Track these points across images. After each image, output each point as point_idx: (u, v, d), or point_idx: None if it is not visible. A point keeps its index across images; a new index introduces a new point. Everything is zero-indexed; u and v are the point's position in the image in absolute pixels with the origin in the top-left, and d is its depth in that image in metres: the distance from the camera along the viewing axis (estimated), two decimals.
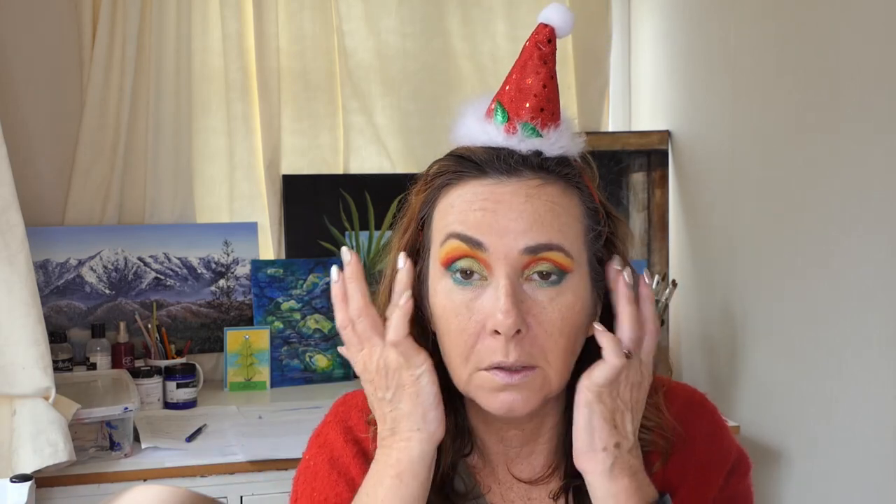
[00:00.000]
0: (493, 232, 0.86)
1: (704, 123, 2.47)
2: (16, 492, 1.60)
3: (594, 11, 2.82)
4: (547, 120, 0.90)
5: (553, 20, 0.95)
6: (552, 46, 0.93)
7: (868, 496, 1.89)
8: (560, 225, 0.87)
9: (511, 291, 0.85)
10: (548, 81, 0.91)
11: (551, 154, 0.90)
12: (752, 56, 2.23)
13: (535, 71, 0.91)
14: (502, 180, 0.88)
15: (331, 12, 2.67)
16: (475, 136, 0.92)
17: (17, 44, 2.37)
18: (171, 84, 2.52)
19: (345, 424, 1.02)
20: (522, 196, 0.87)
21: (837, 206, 1.94)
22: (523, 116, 0.90)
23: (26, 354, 1.77)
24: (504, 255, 0.86)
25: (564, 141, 0.91)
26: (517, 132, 0.90)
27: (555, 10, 0.96)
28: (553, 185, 0.89)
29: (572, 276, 0.88)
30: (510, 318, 0.84)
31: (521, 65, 0.92)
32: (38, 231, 2.34)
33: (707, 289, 2.46)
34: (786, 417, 2.12)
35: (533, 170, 0.89)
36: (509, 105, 0.91)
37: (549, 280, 0.87)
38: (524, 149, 0.89)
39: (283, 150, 2.66)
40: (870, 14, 1.84)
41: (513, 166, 0.88)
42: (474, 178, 0.89)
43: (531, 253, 0.86)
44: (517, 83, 0.91)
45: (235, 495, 1.91)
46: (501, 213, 0.87)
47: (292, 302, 2.58)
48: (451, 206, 0.89)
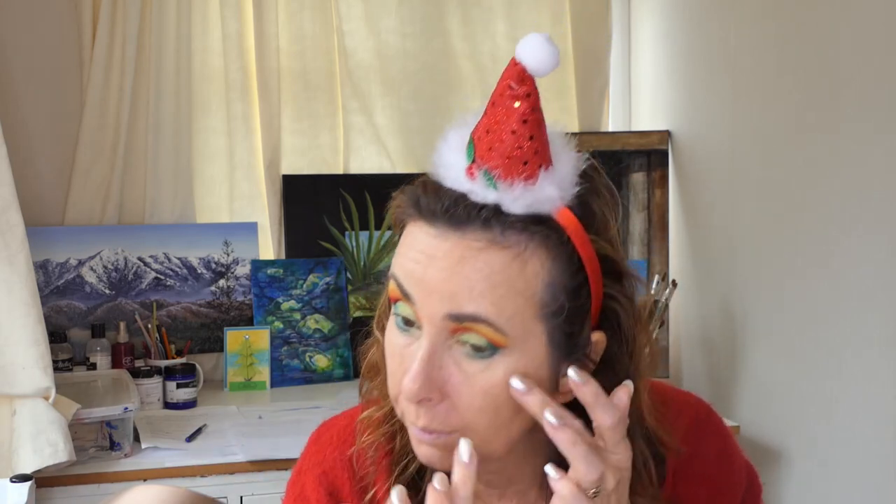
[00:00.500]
0: (421, 289, 0.78)
1: (704, 123, 2.47)
2: (16, 492, 1.60)
3: (594, 11, 2.81)
4: (514, 170, 0.76)
5: (526, 58, 0.77)
6: (526, 87, 0.77)
7: (868, 496, 1.89)
8: (495, 297, 0.76)
9: (427, 357, 0.77)
10: (517, 126, 0.77)
11: (513, 211, 0.76)
12: (752, 56, 2.23)
13: (506, 112, 0.77)
14: (445, 233, 0.77)
15: (331, 12, 2.67)
16: (446, 166, 0.80)
17: (17, 44, 2.37)
18: (171, 84, 2.52)
19: (320, 469, 0.96)
20: (456, 257, 0.76)
21: (837, 206, 1.94)
22: (485, 161, 0.77)
23: (26, 354, 1.77)
24: (429, 317, 0.78)
25: (534, 197, 0.77)
26: (476, 179, 0.77)
27: (530, 45, 0.77)
28: (500, 251, 0.76)
29: (508, 351, 0.77)
30: (414, 385, 0.77)
31: (492, 101, 0.78)
32: (38, 231, 2.34)
33: (707, 289, 2.46)
34: (786, 417, 2.12)
35: (481, 227, 0.76)
36: (478, 143, 0.78)
37: (479, 353, 0.77)
38: (479, 199, 0.77)
39: (283, 150, 2.66)
40: (870, 14, 1.84)
41: (455, 220, 0.77)
42: (422, 221, 0.79)
43: (455, 321, 0.77)
44: (487, 121, 0.78)
45: (235, 495, 1.91)
46: (431, 272, 0.77)
47: (292, 302, 2.58)
48: (401, 245, 0.81)
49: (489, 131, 0.78)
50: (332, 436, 0.98)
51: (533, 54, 0.76)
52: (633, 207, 2.63)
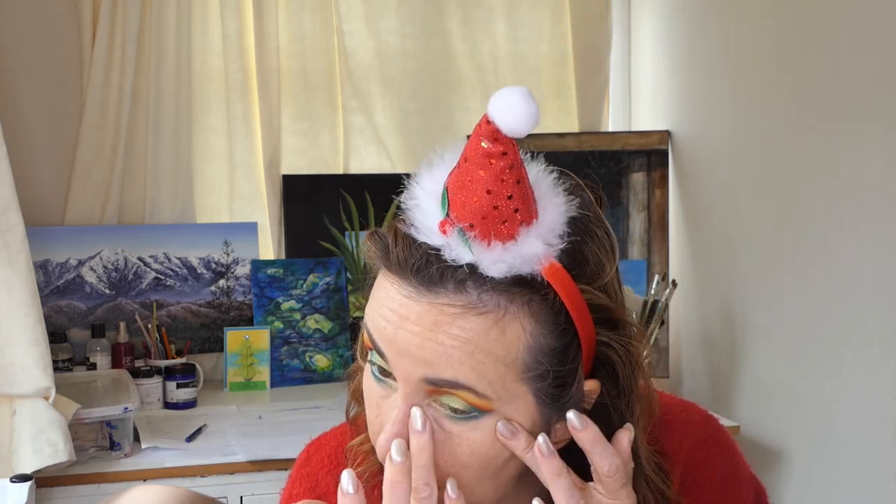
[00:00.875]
0: (393, 349, 0.72)
1: (704, 123, 2.47)
2: (16, 492, 1.60)
3: (594, 11, 2.82)
4: (490, 230, 0.69)
5: (498, 118, 0.67)
6: (501, 146, 0.68)
7: (868, 496, 1.89)
8: (474, 363, 0.70)
9: (402, 419, 0.72)
10: (494, 186, 0.68)
11: (491, 274, 0.69)
12: (752, 56, 2.23)
13: (482, 168, 0.69)
14: (417, 293, 0.71)
15: (331, 12, 2.67)
16: (423, 211, 0.72)
17: (17, 44, 2.37)
18: (171, 84, 2.52)
19: (314, 494, 0.93)
20: (430, 322, 0.70)
21: (837, 206, 1.94)
22: (461, 219, 0.69)
23: (26, 354, 1.77)
24: (404, 377, 0.72)
25: (517, 258, 0.70)
26: (450, 236, 0.70)
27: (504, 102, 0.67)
28: (476, 317, 0.70)
29: (494, 413, 0.72)
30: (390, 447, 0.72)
31: (465, 154, 0.70)
32: (38, 231, 2.34)
33: (707, 289, 2.46)
34: (786, 417, 2.12)
35: (456, 289, 0.70)
36: (452, 196, 0.70)
37: (461, 415, 0.72)
38: (455, 258, 0.70)
39: (283, 150, 2.66)
40: (870, 14, 1.84)
41: (427, 282, 0.70)
42: (392, 274, 0.73)
43: (433, 385, 0.72)
44: (460, 177, 0.70)
45: (235, 495, 1.91)
46: (402, 335, 0.71)
47: (292, 302, 2.58)
48: (373, 296, 0.76)
49: (463, 188, 0.70)
50: (322, 458, 0.94)
51: (507, 114, 0.67)
52: (633, 207, 2.63)
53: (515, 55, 2.79)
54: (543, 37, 2.81)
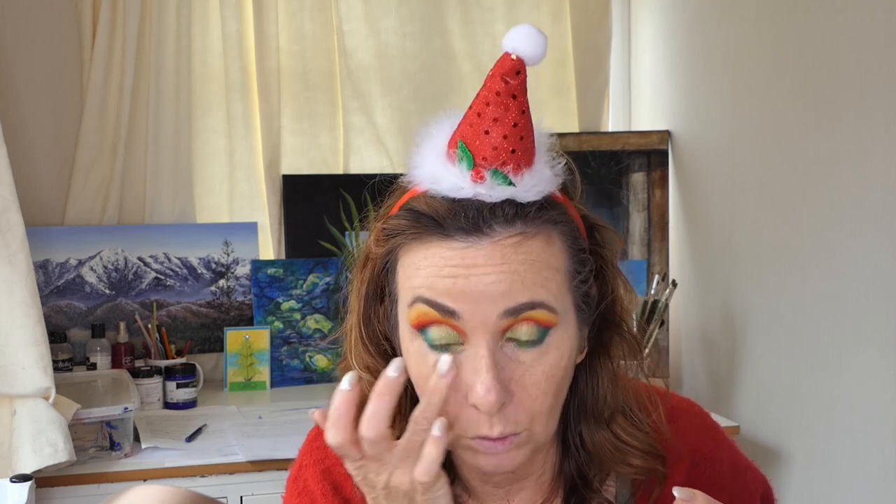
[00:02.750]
0: (468, 299, 0.78)
1: (704, 123, 2.47)
2: (16, 492, 1.60)
3: (594, 11, 2.81)
4: (520, 162, 0.79)
5: (520, 49, 0.79)
6: (521, 78, 0.79)
7: (868, 496, 1.89)
8: (542, 280, 0.79)
9: (492, 364, 0.78)
10: (518, 118, 0.79)
11: (527, 200, 0.79)
12: (752, 56, 2.23)
13: (504, 107, 0.79)
14: (472, 241, 0.78)
15: (331, 12, 2.67)
16: (439, 179, 0.80)
17: (17, 44, 2.37)
18: (171, 84, 2.52)
19: (323, 465, 0.96)
20: (498, 258, 0.78)
21: (837, 206, 1.94)
22: (491, 161, 0.78)
23: (26, 354, 1.77)
24: (481, 323, 0.78)
25: (541, 181, 0.81)
26: (486, 180, 0.78)
27: (521, 35, 0.79)
28: (532, 238, 0.79)
29: (556, 330, 0.81)
30: (492, 395, 0.77)
31: (485, 100, 0.79)
32: (38, 231, 2.34)
33: (707, 289, 2.46)
34: (786, 417, 2.12)
35: (507, 223, 0.79)
36: (474, 147, 0.79)
37: (530, 343, 0.80)
38: (495, 198, 0.78)
39: (283, 150, 2.66)
40: (870, 14, 1.84)
41: (483, 225, 0.78)
42: (439, 238, 0.79)
43: (511, 315, 0.78)
44: (482, 121, 0.79)
45: (235, 495, 1.91)
46: (475, 279, 0.77)
47: (292, 302, 2.58)
48: (417, 268, 0.80)
49: (488, 132, 0.79)
50: None
51: (527, 42, 0.79)
52: (633, 207, 2.63)
53: None
54: None
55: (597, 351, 0.89)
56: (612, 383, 0.89)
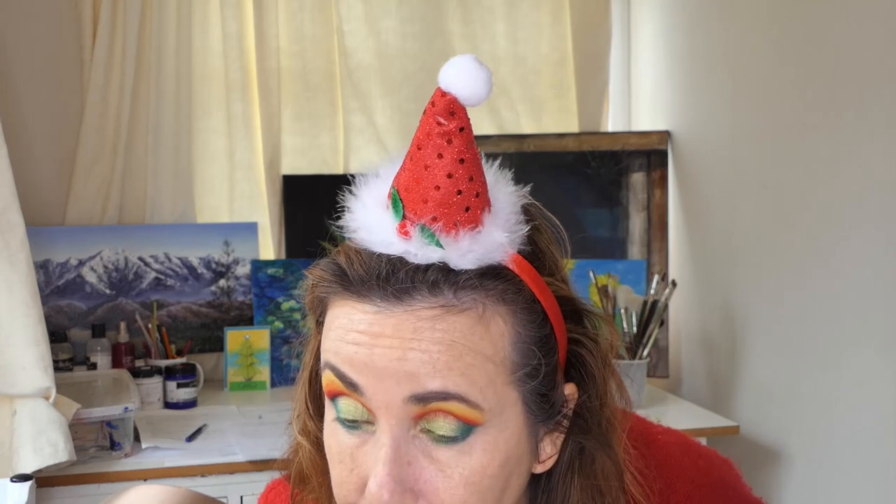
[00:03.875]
0: (370, 373, 0.66)
1: (704, 123, 2.47)
2: (16, 492, 1.60)
3: (594, 11, 2.81)
4: (456, 220, 0.66)
5: (454, 85, 0.66)
6: (458, 119, 0.65)
7: (868, 496, 1.89)
8: (462, 367, 0.65)
9: (392, 457, 0.66)
10: (454, 168, 0.65)
11: (462, 267, 0.66)
12: (752, 56, 2.23)
13: (437, 153, 0.66)
14: (387, 307, 0.66)
15: (331, 12, 2.67)
16: (371, 229, 0.68)
17: (17, 44, 2.37)
18: (171, 84, 2.52)
19: None
20: (408, 331, 0.65)
21: (837, 206, 1.94)
22: (421, 215, 0.66)
23: (27, 354, 1.77)
24: (385, 405, 0.66)
25: (485, 246, 0.67)
26: (412, 237, 0.66)
27: (455, 69, 0.67)
28: (458, 315, 0.65)
29: (483, 429, 0.67)
30: (385, 494, 0.65)
31: (417, 144, 0.67)
32: (38, 231, 2.34)
33: (707, 289, 2.46)
34: (786, 417, 2.12)
35: (430, 292, 0.65)
36: (405, 196, 0.67)
37: (447, 439, 0.67)
38: (421, 260, 0.66)
39: (283, 150, 2.66)
40: (870, 13, 1.84)
41: (398, 289, 0.66)
42: (353, 298, 0.68)
43: (419, 402, 0.66)
44: (414, 168, 0.67)
45: (235, 495, 1.91)
46: (379, 352, 0.65)
47: (292, 302, 2.58)
48: (329, 328, 0.70)
49: (418, 181, 0.66)
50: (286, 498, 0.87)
51: (464, 79, 0.66)
52: (633, 207, 2.63)
53: (515, 55, 2.79)
54: (543, 37, 2.81)
55: (574, 462, 0.74)
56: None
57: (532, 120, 2.78)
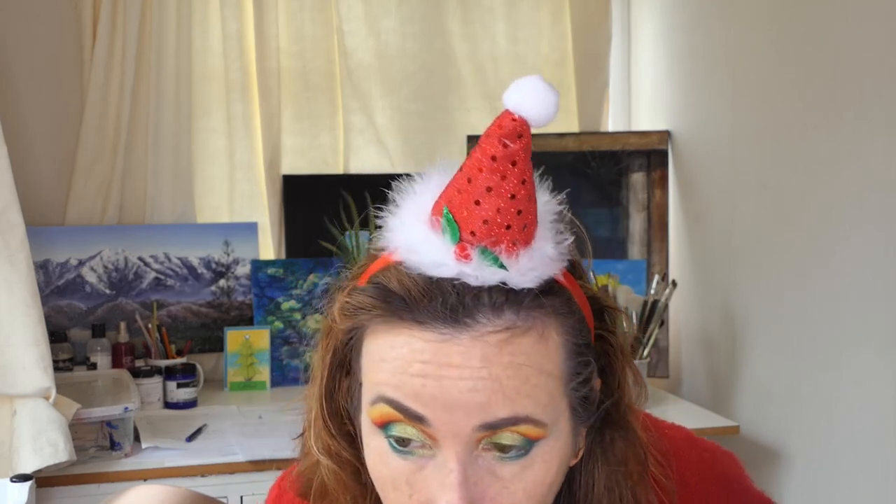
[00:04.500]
0: (439, 406, 0.65)
1: (704, 123, 2.47)
2: (16, 492, 1.60)
3: (594, 11, 2.81)
4: (515, 240, 0.65)
5: (524, 107, 0.64)
6: (524, 141, 0.65)
7: (868, 496, 1.89)
8: (530, 389, 0.66)
9: (462, 480, 0.65)
10: (517, 189, 0.64)
11: (523, 286, 0.65)
12: (752, 56, 2.23)
13: (501, 175, 0.64)
14: (450, 335, 0.64)
15: (331, 12, 2.67)
16: (418, 250, 0.66)
17: (17, 44, 2.37)
18: (171, 84, 2.52)
19: None
20: (478, 359, 0.64)
21: (837, 206, 1.94)
22: (481, 237, 0.65)
23: (26, 354, 1.77)
24: (453, 434, 0.65)
25: (541, 264, 0.66)
26: (472, 259, 0.64)
27: (527, 90, 0.64)
28: (523, 336, 0.65)
29: (544, 441, 0.68)
30: None
31: (478, 164, 0.65)
32: (38, 231, 2.34)
33: (707, 289, 2.46)
34: (786, 417, 2.12)
35: (494, 314, 0.65)
36: (461, 218, 0.65)
37: (512, 454, 0.67)
38: (482, 282, 0.65)
39: (283, 150, 2.66)
40: (870, 13, 1.84)
41: (464, 314, 0.64)
42: (409, 325, 0.65)
43: (488, 429, 0.66)
44: (473, 188, 0.65)
45: (235, 495, 1.91)
46: (448, 383, 0.64)
47: (292, 302, 2.58)
48: (382, 360, 0.67)
49: (479, 202, 0.64)
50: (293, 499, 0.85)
51: (535, 102, 0.64)
52: (633, 207, 2.63)
53: (515, 55, 2.79)
54: (543, 37, 2.81)
55: (595, 451, 0.76)
56: (610, 490, 0.76)
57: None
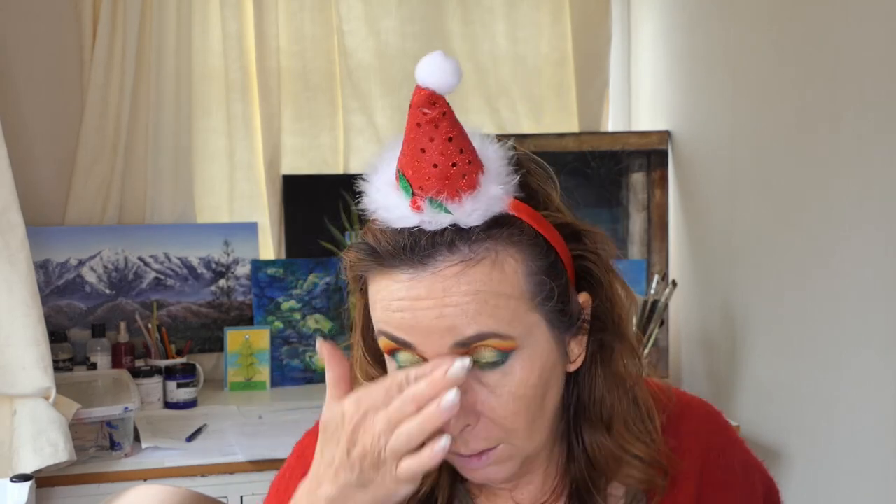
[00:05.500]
0: (417, 333, 0.79)
1: (704, 123, 2.47)
2: (16, 492, 1.61)
3: (594, 11, 2.81)
4: (456, 187, 0.78)
5: (427, 80, 0.81)
6: (439, 108, 0.80)
7: (868, 496, 1.89)
8: (490, 310, 0.79)
9: None
10: (445, 146, 0.79)
11: (469, 224, 0.79)
12: (752, 56, 2.23)
13: (429, 137, 0.79)
14: (416, 274, 0.79)
15: (331, 12, 2.67)
16: (389, 208, 0.81)
17: (17, 44, 2.37)
18: (171, 84, 2.52)
19: None
20: (439, 291, 0.78)
21: (837, 206, 1.94)
22: (427, 190, 0.79)
23: (26, 354, 1.77)
24: (435, 353, 0.80)
25: (485, 202, 0.79)
26: (423, 209, 0.79)
27: (427, 66, 0.81)
28: (476, 266, 0.79)
29: (518, 352, 0.81)
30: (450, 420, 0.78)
31: (410, 131, 0.81)
32: (38, 231, 2.34)
33: (707, 289, 2.46)
34: (786, 417, 2.12)
35: (449, 252, 0.78)
36: (412, 176, 0.80)
37: (490, 364, 0.80)
38: (435, 226, 0.79)
39: (283, 150, 2.66)
40: (870, 13, 1.84)
41: (422, 256, 0.78)
42: (387, 271, 0.80)
43: (462, 346, 0.79)
44: (412, 153, 0.80)
45: (235, 495, 1.91)
46: (420, 313, 0.79)
47: (292, 302, 2.58)
48: (374, 301, 0.83)
49: (418, 162, 0.79)
50: None
51: (433, 73, 0.81)
52: (633, 207, 2.63)
53: (515, 55, 2.79)
54: (543, 37, 2.81)
55: (596, 356, 0.88)
56: (610, 391, 0.88)
57: (532, 120, 2.78)
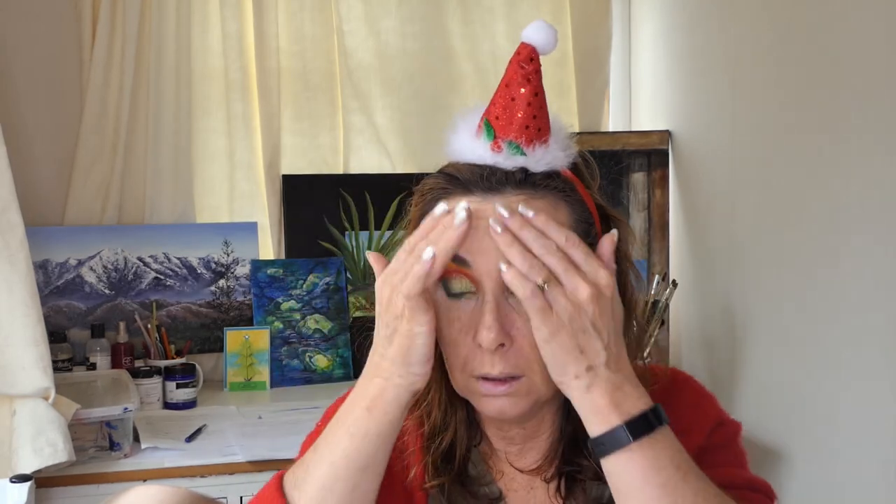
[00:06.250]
0: (476, 250, 0.89)
1: (704, 123, 2.47)
2: (16, 492, 1.60)
3: (594, 11, 2.82)
4: (532, 137, 0.92)
5: (534, 39, 0.95)
6: (535, 64, 0.93)
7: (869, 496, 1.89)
8: None
9: (494, 307, 0.89)
10: (532, 99, 0.92)
11: (536, 170, 0.92)
12: (752, 56, 2.23)
13: (520, 88, 0.92)
14: (486, 198, 0.90)
15: (331, 12, 2.67)
16: (465, 153, 0.94)
17: (17, 44, 2.37)
18: (171, 84, 2.52)
19: None
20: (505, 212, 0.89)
21: (838, 206, 1.94)
22: (509, 134, 0.92)
23: (26, 354, 1.77)
24: (487, 272, 0.89)
25: (551, 156, 0.93)
26: (502, 150, 0.92)
27: (536, 28, 0.96)
28: (538, 200, 0.91)
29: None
30: (492, 333, 0.88)
31: (506, 83, 0.93)
32: (38, 231, 2.34)
33: (707, 289, 2.46)
34: (786, 417, 2.12)
35: (517, 186, 0.91)
36: (496, 123, 0.93)
37: None
38: (509, 166, 0.92)
39: (283, 150, 2.66)
40: (870, 13, 1.84)
41: (495, 184, 0.91)
42: (461, 195, 0.92)
43: None
44: (503, 101, 0.93)
45: (235, 495, 1.91)
46: (483, 231, 0.88)
47: (292, 302, 2.58)
48: None
49: (507, 108, 0.92)
50: None
51: (540, 35, 0.95)
52: (633, 207, 2.63)
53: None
54: None
55: None
56: None
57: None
